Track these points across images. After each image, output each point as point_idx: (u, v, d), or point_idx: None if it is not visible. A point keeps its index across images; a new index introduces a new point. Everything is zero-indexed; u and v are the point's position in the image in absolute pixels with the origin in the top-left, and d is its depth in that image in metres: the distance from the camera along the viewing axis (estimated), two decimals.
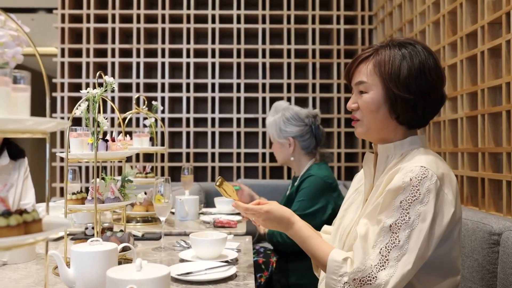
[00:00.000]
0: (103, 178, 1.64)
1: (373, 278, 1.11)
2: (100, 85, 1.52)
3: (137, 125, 4.11)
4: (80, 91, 1.60)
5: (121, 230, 1.61)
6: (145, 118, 2.64)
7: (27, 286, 1.37)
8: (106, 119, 1.52)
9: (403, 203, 1.13)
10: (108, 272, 0.97)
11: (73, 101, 4.22)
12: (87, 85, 4.17)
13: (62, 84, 4.18)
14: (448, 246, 1.20)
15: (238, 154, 4.25)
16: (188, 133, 4.25)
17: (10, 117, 0.77)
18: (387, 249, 1.12)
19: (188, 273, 1.43)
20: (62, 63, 4.18)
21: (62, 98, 4.18)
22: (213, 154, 4.26)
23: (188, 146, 4.26)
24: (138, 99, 2.38)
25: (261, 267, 2.31)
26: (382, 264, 1.11)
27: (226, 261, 1.60)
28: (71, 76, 4.20)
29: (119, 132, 1.66)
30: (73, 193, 1.54)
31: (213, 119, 4.25)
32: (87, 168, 4.13)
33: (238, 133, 4.25)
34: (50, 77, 4.40)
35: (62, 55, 4.18)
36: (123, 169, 1.68)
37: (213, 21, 4.23)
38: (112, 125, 3.88)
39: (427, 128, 2.96)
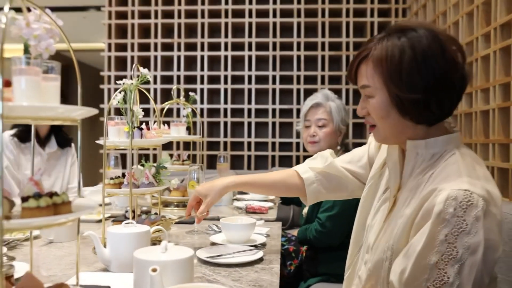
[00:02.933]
0: (143, 165, 1.67)
1: None
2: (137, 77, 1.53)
3: (178, 115, 4.15)
4: (116, 81, 1.61)
5: (155, 213, 1.62)
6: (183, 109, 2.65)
7: (69, 263, 1.41)
8: (143, 110, 1.53)
9: (448, 236, 0.92)
10: (135, 253, 0.98)
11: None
12: (131, 78, 4.23)
13: (109, 77, 4.26)
14: None
15: (273, 143, 4.23)
16: (225, 123, 4.27)
17: (42, 105, 0.78)
18: (436, 287, 0.93)
19: (217, 256, 1.43)
20: (109, 57, 4.26)
21: (109, 89, 4.27)
22: (249, 143, 4.26)
23: (225, 136, 4.27)
24: (177, 90, 2.39)
25: (292, 255, 2.28)
26: None
27: (255, 245, 1.59)
28: (117, 69, 4.29)
29: (154, 121, 1.67)
30: (111, 178, 1.57)
31: (249, 110, 4.25)
32: (125, 155, 4.20)
33: (273, 123, 4.22)
34: (99, 70, 4.49)
35: (109, 50, 4.27)
36: (158, 156, 1.70)
37: (250, 16, 4.21)
38: (150, 115, 3.94)
39: (458, 119, 2.85)
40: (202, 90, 4.24)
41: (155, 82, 4.24)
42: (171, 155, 2.53)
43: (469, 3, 2.74)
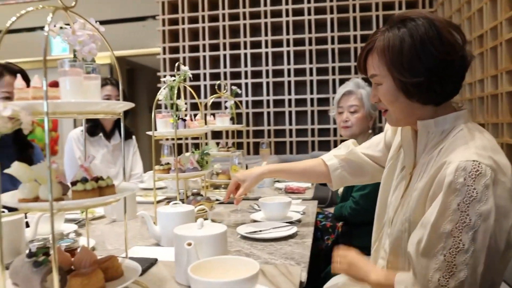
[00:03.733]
0: (193, 152, 1.69)
1: None
2: (176, 75, 1.54)
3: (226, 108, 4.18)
4: (161, 79, 1.63)
5: (201, 195, 1.64)
6: (226, 101, 2.66)
7: (128, 238, 1.45)
8: (192, 104, 1.54)
9: (460, 205, 0.90)
10: (175, 229, 0.99)
11: None
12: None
13: (165, 77, 4.33)
14: None
15: (312, 130, 4.18)
16: (268, 113, 4.25)
17: (88, 101, 0.81)
18: (452, 255, 0.90)
19: (255, 232, 1.43)
20: (164, 59, 4.34)
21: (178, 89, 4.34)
22: (290, 130, 4.23)
23: (269, 124, 4.26)
24: (219, 85, 2.40)
25: (329, 230, 2.26)
26: (449, 270, 0.90)
27: (290, 222, 1.58)
28: (171, 70, 4.36)
29: (195, 114, 1.68)
30: (161, 164, 1.60)
31: (289, 100, 4.21)
32: (179, 145, 4.28)
33: (312, 112, 4.17)
34: (156, 71, 4.59)
35: (164, 53, 4.34)
36: (201, 144, 1.72)
37: (287, 15, 4.14)
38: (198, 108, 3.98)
39: (472, 102, 2.69)
40: (246, 84, 4.24)
41: (204, 79, 4.28)
42: (218, 143, 2.55)
43: None
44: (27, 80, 1.16)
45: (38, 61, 0.84)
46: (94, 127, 2.56)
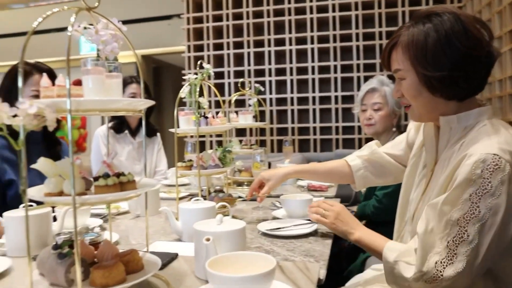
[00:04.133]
0: (216, 149, 1.71)
1: (439, 277, 0.91)
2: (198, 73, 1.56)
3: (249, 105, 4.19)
4: (183, 77, 1.65)
5: (223, 192, 1.66)
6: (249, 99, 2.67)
7: (150, 234, 1.48)
8: (216, 102, 1.56)
9: (472, 196, 0.90)
10: (195, 225, 1.01)
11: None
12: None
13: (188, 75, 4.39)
14: None
15: (337, 127, 4.15)
16: (292, 111, 4.24)
17: (110, 98, 0.83)
18: (455, 243, 0.91)
19: (276, 229, 1.44)
20: (189, 57, 4.39)
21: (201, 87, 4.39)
22: (314, 128, 4.20)
23: (293, 122, 4.25)
24: (242, 83, 2.41)
25: None
26: (449, 258, 0.91)
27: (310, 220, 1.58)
28: (196, 68, 4.39)
29: (217, 112, 1.69)
30: (183, 161, 1.63)
31: (313, 98, 4.18)
32: (203, 142, 4.31)
33: (336, 109, 4.13)
34: (181, 69, 4.64)
35: (189, 51, 4.39)
36: (224, 142, 1.73)
37: (311, 12, 4.12)
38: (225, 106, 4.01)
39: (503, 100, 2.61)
40: (270, 82, 4.24)
41: (228, 77, 4.31)
42: (240, 141, 2.57)
43: None
44: (54, 79, 1.20)
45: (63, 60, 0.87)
46: (119, 125, 2.61)
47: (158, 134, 2.85)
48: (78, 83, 0.82)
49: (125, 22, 0.96)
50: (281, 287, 0.84)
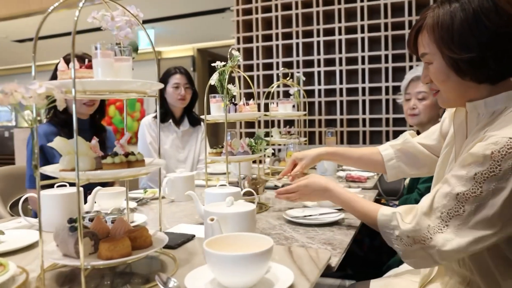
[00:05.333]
0: (265, 135, 1.74)
1: (428, 238, 0.92)
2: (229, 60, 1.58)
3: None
4: (212, 64, 1.68)
5: (253, 179, 1.67)
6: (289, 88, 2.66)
7: (178, 216, 1.54)
8: (234, 86, 1.58)
9: (477, 175, 0.87)
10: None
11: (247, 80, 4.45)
12: (258, 66, 4.36)
13: (239, 66, 4.44)
14: None
15: (387, 119, 4.01)
16: (341, 102, 4.16)
17: (112, 80, 0.86)
18: (449, 215, 0.90)
19: (300, 217, 1.43)
20: (238, 49, 4.43)
21: (239, 77, 4.45)
22: (363, 120, 4.09)
23: (341, 113, 4.17)
24: (286, 74, 2.41)
25: None
26: (440, 228, 0.91)
27: (340, 209, 1.55)
28: (245, 59, 4.45)
29: (249, 100, 1.70)
30: (213, 147, 1.66)
31: (363, 89, 4.07)
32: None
33: (387, 100, 3.99)
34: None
35: (238, 43, 4.44)
36: (256, 129, 1.74)
37: (362, 0, 4.00)
38: (274, 96, 4.01)
39: None
40: (319, 72, 4.18)
41: (277, 68, 4.30)
42: (279, 132, 2.56)
43: None
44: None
45: None
46: (164, 114, 2.71)
47: (202, 123, 2.92)
48: (89, 66, 0.87)
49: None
50: (279, 268, 0.84)
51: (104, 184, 1.82)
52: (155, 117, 2.71)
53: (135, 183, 2.50)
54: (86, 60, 0.92)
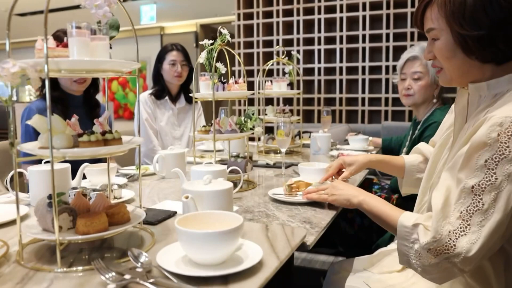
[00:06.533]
0: (253, 113, 1.73)
1: (451, 247, 0.85)
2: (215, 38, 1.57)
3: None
4: (200, 42, 1.67)
5: (241, 157, 1.69)
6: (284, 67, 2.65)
7: (167, 193, 1.56)
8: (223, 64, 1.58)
9: (488, 161, 0.84)
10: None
11: (247, 57, 4.43)
12: (258, 43, 4.32)
13: (239, 43, 4.41)
14: None
15: (386, 99, 3.99)
16: (341, 80, 4.14)
17: (96, 59, 0.87)
18: (469, 213, 0.85)
19: (281, 194, 1.44)
20: (239, 26, 4.39)
21: (239, 54, 4.42)
22: (363, 99, 4.08)
23: (341, 92, 4.15)
24: (279, 52, 2.39)
25: None
26: (462, 229, 0.85)
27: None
28: (245, 36, 4.41)
29: (239, 77, 1.70)
30: (203, 126, 1.67)
31: (363, 67, 4.04)
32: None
33: (387, 80, 3.97)
34: (231, 37, 4.67)
35: (238, 19, 4.39)
36: (246, 108, 1.75)
37: None
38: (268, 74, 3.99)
39: None
40: (319, 50, 4.15)
41: (277, 45, 4.27)
42: (275, 110, 2.56)
43: None
44: None
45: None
46: (160, 91, 2.71)
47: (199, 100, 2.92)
48: (66, 45, 0.87)
49: None
50: (250, 246, 0.86)
51: (98, 160, 1.86)
52: (152, 93, 2.72)
53: (131, 159, 2.53)
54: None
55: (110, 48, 0.95)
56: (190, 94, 1.59)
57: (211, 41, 1.53)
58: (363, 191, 1.21)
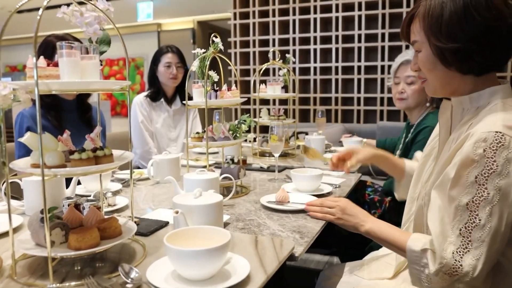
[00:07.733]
0: (244, 120, 1.75)
1: (459, 267, 0.87)
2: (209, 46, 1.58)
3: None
4: (192, 51, 1.69)
5: (235, 163, 1.71)
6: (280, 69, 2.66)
7: (160, 199, 1.58)
8: (215, 72, 1.59)
9: (478, 177, 0.86)
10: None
11: (243, 56, 4.44)
12: (254, 42, 4.33)
13: (235, 42, 4.41)
14: None
15: (382, 98, 4.01)
16: (337, 80, 4.15)
17: (86, 81, 0.89)
18: (468, 230, 0.87)
19: (274, 202, 1.46)
20: (235, 25, 4.39)
21: (235, 53, 4.43)
22: (358, 98, 4.10)
23: (337, 92, 4.17)
24: (274, 52, 2.41)
25: (376, 204, 2.22)
26: (464, 246, 0.87)
27: (320, 195, 1.58)
28: (242, 35, 4.41)
29: (235, 81, 1.72)
30: (197, 133, 1.69)
31: (359, 67, 4.06)
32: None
33: (382, 80, 3.98)
34: (227, 36, 4.67)
35: (235, 18, 4.39)
36: (239, 114, 1.76)
37: None
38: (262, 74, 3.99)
39: None
40: (315, 50, 4.16)
41: (273, 45, 4.28)
42: (269, 110, 2.58)
43: None
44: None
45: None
46: (156, 93, 2.73)
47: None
48: (57, 64, 0.89)
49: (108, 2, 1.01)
50: (239, 260, 0.88)
51: None
52: (147, 95, 2.73)
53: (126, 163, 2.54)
54: (64, 44, 0.93)
55: (101, 65, 0.96)
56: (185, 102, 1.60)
57: (203, 50, 1.54)
58: (370, 216, 1.21)
